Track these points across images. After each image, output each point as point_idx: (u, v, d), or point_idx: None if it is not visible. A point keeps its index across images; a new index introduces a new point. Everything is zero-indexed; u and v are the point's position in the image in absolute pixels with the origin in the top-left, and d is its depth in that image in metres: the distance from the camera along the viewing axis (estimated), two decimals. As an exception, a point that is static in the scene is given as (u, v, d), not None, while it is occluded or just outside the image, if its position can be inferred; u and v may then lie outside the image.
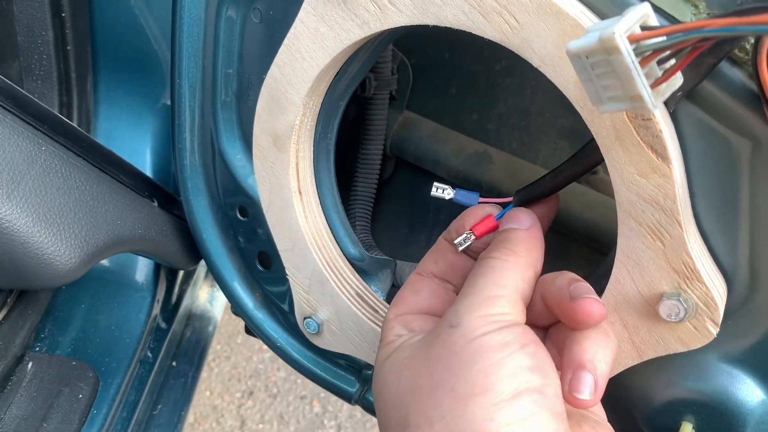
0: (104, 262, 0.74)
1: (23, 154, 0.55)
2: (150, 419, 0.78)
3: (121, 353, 0.70)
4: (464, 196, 0.45)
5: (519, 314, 0.42)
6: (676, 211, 0.40)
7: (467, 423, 0.37)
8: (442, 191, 0.45)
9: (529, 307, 0.44)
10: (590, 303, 0.40)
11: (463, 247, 0.47)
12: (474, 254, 0.48)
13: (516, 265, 0.43)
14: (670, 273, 0.41)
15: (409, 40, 0.71)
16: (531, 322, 0.44)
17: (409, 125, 0.73)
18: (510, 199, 0.46)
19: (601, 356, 0.41)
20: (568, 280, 0.42)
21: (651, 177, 0.39)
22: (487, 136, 0.71)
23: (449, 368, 0.39)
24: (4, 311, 0.65)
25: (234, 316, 1.18)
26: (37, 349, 0.68)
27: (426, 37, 0.44)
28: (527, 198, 0.47)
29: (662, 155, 0.39)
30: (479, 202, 0.46)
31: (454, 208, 0.77)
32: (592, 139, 0.42)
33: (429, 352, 0.41)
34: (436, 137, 0.72)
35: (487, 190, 0.69)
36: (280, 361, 0.82)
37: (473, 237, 0.47)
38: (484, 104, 0.71)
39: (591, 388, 0.40)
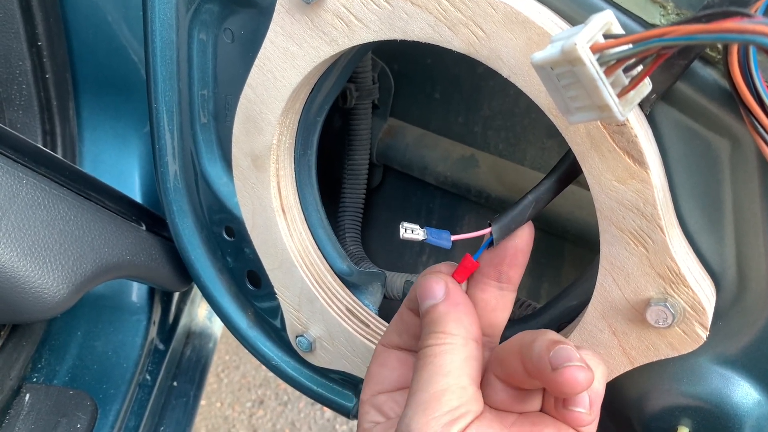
0: (98, 287, 0.74)
1: (4, 189, 0.54)
2: (154, 441, 0.78)
3: (119, 379, 0.69)
4: (436, 236, 0.43)
5: (471, 401, 0.39)
6: (657, 216, 0.39)
7: None
8: (412, 232, 0.43)
9: (510, 373, 0.41)
10: (574, 372, 0.36)
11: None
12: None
13: (453, 347, 0.40)
14: (656, 278, 0.40)
15: (389, 46, 0.70)
16: (513, 384, 0.42)
17: (395, 133, 0.73)
18: (488, 230, 0.44)
19: (595, 374, 0.40)
20: (547, 344, 0.38)
21: (629, 183, 0.39)
22: (473, 140, 0.71)
23: None
24: (-1, 344, 0.65)
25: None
26: (35, 379, 0.68)
27: (406, 44, 0.43)
28: (507, 229, 0.44)
29: (639, 160, 0.38)
30: (452, 240, 0.43)
31: (445, 213, 0.77)
32: (568, 152, 0.41)
33: None
34: (422, 143, 0.71)
35: (475, 195, 0.68)
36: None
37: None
38: (469, 107, 0.70)
39: (587, 402, 0.39)
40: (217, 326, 0.92)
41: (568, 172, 0.43)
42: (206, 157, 0.60)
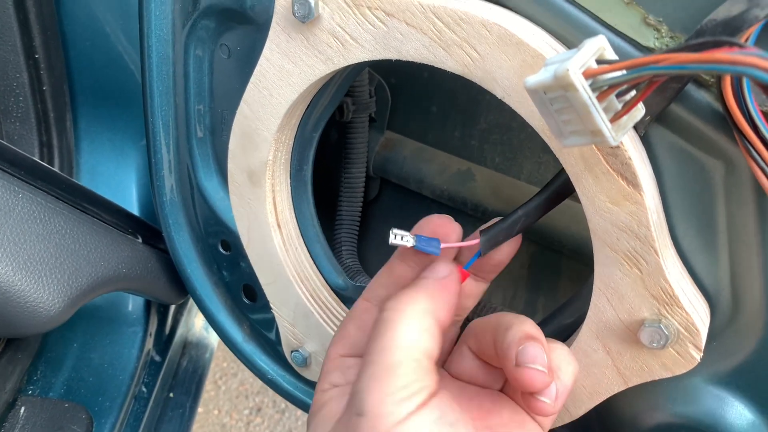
0: (95, 299, 0.74)
1: (0, 204, 0.55)
2: (149, 453, 0.77)
3: (115, 391, 0.69)
4: (425, 243, 0.43)
5: (425, 376, 0.38)
6: (651, 238, 0.39)
7: None
8: (401, 238, 0.43)
9: (481, 348, 0.43)
10: (533, 374, 0.37)
11: None
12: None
13: (410, 318, 0.39)
14: (649, 300, 0.40)
15: (386, 61, 0.70)
16: (483, 359, 0.44)
17: (391, 146, 0.73)
18: (476, 241, 0.44)
19: (566, 369, 0.40)
20: (519, 337, 0.39)
21: (623, 204, 0.39)
22: (470, 153, 0.71)
23: None
24: (-6, 357, 0.65)
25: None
26: (30, 392, 0.68)
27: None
28: (495, 241, 0.44)
29: (633, 182, 0.38)
30: (441, 247, 0.44)
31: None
32: (561, 171, 0.41)
33: None
34: (418, 157, 0.71)
35: (471, 208, 0.68)
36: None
37: None
38: (466, 121, 0.70)
39: (553, 394, 0.39)
40: (213, 336, 0.92)
41: (559, 191, 0.43)
42: (202, 171, 0.60)
